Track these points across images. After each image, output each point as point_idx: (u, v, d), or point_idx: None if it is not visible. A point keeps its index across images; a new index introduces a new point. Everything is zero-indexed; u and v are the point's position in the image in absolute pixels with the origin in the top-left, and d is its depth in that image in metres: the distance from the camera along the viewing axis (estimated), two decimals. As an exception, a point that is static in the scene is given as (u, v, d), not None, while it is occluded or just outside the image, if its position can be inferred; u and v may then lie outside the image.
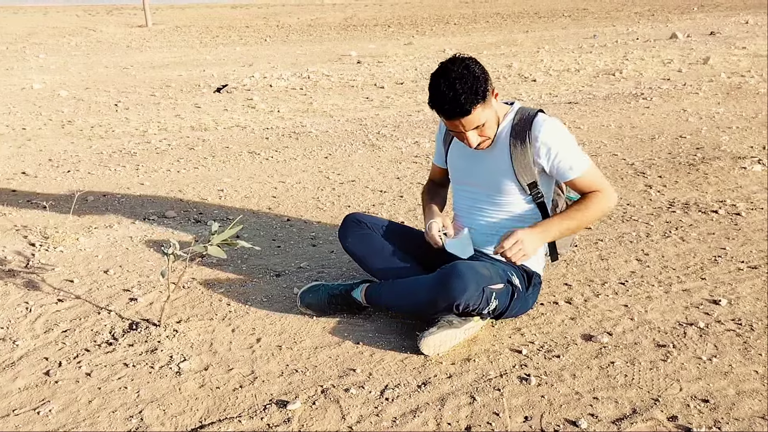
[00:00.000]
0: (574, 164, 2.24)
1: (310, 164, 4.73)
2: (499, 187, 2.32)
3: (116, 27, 23.20)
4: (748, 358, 2.09)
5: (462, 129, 2.16)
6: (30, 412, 1.90)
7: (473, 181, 2.39)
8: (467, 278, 2.09)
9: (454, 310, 2.12)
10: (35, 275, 2.82)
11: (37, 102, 7.96)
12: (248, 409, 1.89)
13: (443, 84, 2.08)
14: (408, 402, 1.92)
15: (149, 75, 10.69)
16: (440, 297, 2.11)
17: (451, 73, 2.09)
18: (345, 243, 2.51)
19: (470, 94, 2.08)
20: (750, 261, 2.83)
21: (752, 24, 16.04)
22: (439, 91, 2.09)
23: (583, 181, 2.27)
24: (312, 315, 2.43)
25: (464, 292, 2.07)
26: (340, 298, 2.40)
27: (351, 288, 2.42)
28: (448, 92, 2.07)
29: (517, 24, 22.03)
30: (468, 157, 2.38)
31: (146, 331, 2.33)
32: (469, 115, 2.10)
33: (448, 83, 2.07)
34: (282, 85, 9.02)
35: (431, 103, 2.14)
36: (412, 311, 2.32)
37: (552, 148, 2.23)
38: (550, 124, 2.25)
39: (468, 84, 2.07)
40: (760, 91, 6.99)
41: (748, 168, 4.18)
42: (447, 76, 2.09)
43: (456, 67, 2.11)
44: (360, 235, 2.47)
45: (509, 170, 2.28)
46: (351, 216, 2.53)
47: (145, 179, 4.40)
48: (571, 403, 1.89)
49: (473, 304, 2.11)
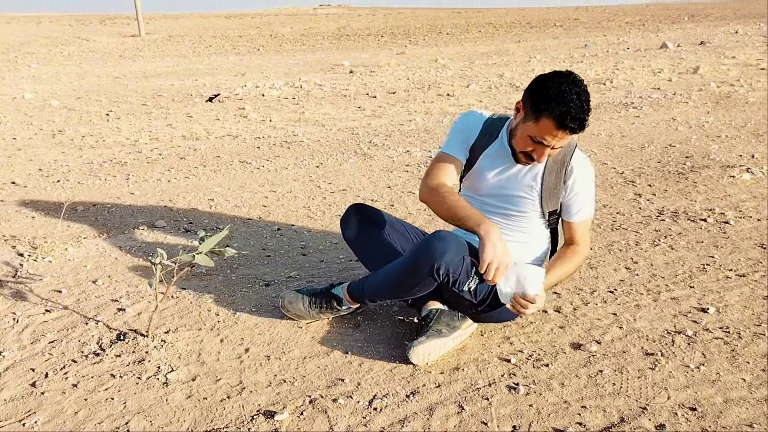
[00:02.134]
0: (583, 209, 2.32)
1: (301, 173, 4.73)
2: (521, 206, 2.33)
3: (109, 37, 23.20)
4: (735, 366, 2.10)
5: (553, 143, 2.12)
6: (15, 423, 1.88)
7: (496, 195, 2.35)
8: (448, 242, 2.10)
9: (435, 275, 2.10)
10: (23, 285, 2.80)
11: (28, 111, 7.94)
12: (235, 420, 1.88)
13: (575, 91, 2.03)
14: (396, 412, 1.91)
15: (141, 84, 10.69)
16: (421, 259, 2.11)
17: (580, 85, 2.06)
18: (346, 232, 2.49)
19: (588, 114, 2.08)
20: (738, 269, 2.84)
21: (742, 34, 16.19)
22: (569, 98, 2.02)
23: (578, 228, 2.33)
24: (294, 318, 2.43)
25: (444, 253, 2.08)
26: (321, 296, 2.40)
27: (332, 285, 2.43)
28: (579, 102, 2.03)
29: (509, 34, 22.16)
30: (501, 173, 2.33)
31: (134, 341, 2.31)
32: (581, 131, 2.10)
33: (579, 93, 2.04)
34: (274, 95, 9.03)
35: (553, 105, 2.03)
36: (394, 289, 2.26)
37: (576, 185, 2.29)
38: (586, 164, 2.31)
39: (590, 104, 2.08)
40: (750, 100, 7.04)
41: (737, 176, 4.21)
42: (578, 87, 2.05)
43: (581, 80, 2.09)
44: (362, 225, 2.44)
45: (537, 194, 2.29)
46: (355, 206, 2.49)
47: (136, 189, 4.39)
48: (560, 412, 1.89)
49: (453, 270, 2.11)
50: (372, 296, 2.35)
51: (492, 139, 2.33)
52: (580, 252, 2.33)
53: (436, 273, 2.10)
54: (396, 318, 2.48)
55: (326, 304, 2.40)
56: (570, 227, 2.34)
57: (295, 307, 2.41)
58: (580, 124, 2.06)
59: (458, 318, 2.24)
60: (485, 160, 2.35)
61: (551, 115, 2.05)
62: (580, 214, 2.32)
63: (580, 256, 2.34)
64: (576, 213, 2.31)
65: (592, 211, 2.37)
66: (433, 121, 6.81)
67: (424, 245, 2.14)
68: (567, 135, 2.09)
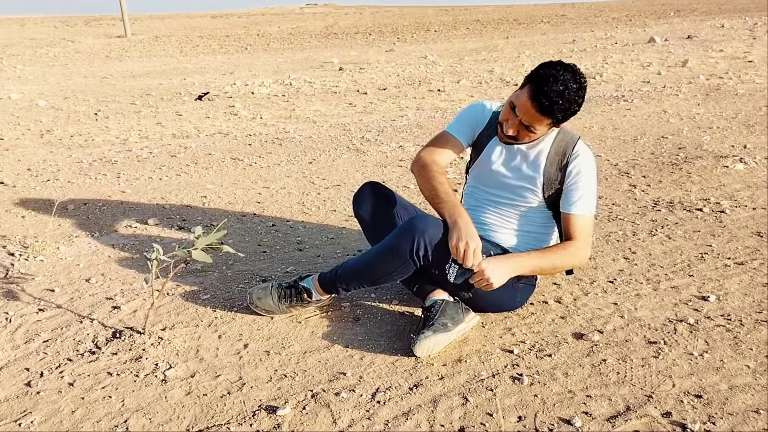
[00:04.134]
0: (582, 201, 2.25)
1: (294, 169, 4.69)
2: (525, 197, 2.33)
3: (95, 38, 23.01)
4: (739, 353, 2.09)
5: (522, 115, 2.15)
6: (11, 424, 1.84)
7: (501, 186, 2.36)
8: (428, 222, 2.13)
9: (415, 256, 2.11)
10: (15, 285, 2.75)
11: (15, 112, 7.84)
12: (237, 416, 1.85)
13: (563, 77, 2.06)
14: (400, 404, 1.88)
15: (129, 84, 10.59)
16: (401, 239, 2.12)
17: (575, 80, 2.08)
18: (358, 209, 2.46)
19: (561, 109, 2.09)
20: (736, 257, 2.84)
21: (728, 27, 16.29)
22: (555, 77, 2.06)
23: (576, 222, 2.24)
24: (264, 314, 2.39)
25: (424, 231, 2.09)
26: (289, 289, 2.37)
27: (300, 278, 2.40)
28: (560, 86, 2.05)
29: (497, 30, 22.18)
30: (505, 164, 2.35)
31: (130, 339, 2.27)
32: (542, 115, 2.11)
33: (564, 82, 2.06)
34: (264, 93, 8.97)
35: (538, 76, 2.10)
36: (372, 273, 2.23)
37: (575, 172, 2.26)
38: (587, 154, 2.29)
39: (569, 102, 2.08)
40: (739, 91, 7.07)
41: (731, 166, 4.22)
42: (574, 77, 2.08)
43: (580, 82, 2.10)
44: (375, 202, 2.42)
45: (540, 184, 2.29)
46: (370, 183, 2.47)
47: (127, 187, 4.34)
48: (565, 402, 1.87)
49: (432, 250, 2.11)
50: (347, 282, 2.30)
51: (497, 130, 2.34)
52: (575, 248, 2.22)
53: (416, 254, 2.10)
54: (396, 311, 2.46)
55: (296, 297, 2.36)
56: (567, 220, 2.25)
57: (264, 303, 2.37)
58: (550, 105, 2.07)
59: (462, 311, 2.22)
60: (491, 151, 2.39)
61: (530, 87, 2.11)
62: (579, 206, 2.24)
63: (574, 253, 2.22)
64: (574, 203, 2.24)
65: (592, 208, 2.27)
66: (425, 116, 6.79)
67: (404, 226, 2.16)
68: (538, 114, 2.11)
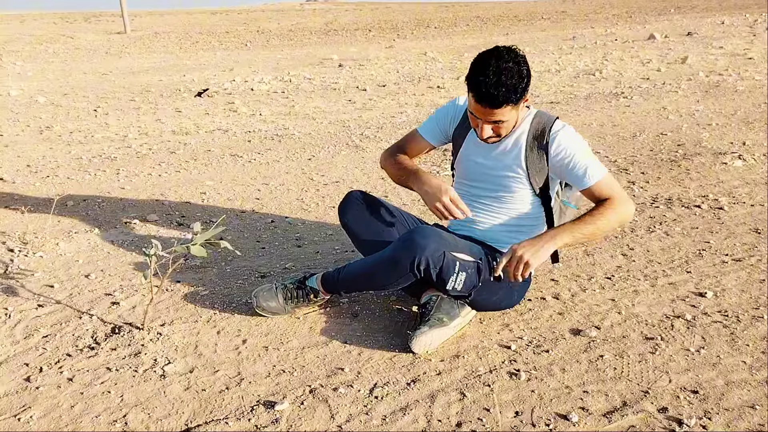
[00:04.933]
0: (590, 172, 2.19)
1: (294, 166, 4.69)
2: (510, 186, 2.31)
3: (94, 34, 22.98)
4: (735, 349, 2.10)
5: (482, 117, 2.13)
6: (10, 419, 1.85)
7: (485, 179, 2.35)
8: (428, 236, 2.10)
9: (416, 270, 2.09)
10: (14, 281, 2.76)
11: (14, 108, 7.83)
12: (235, 411, 1.86)
13: (493, 66, 2.03)
14: (397, 400, 1.89)
15: (129, 80, 10.58)
16: (402, 254, 2.10)
17: (503, 61, 2.04)
18: (344, 218, 2.45)
19: (509, 90, 2.04)
20: (734, 254, 2.85)
21: (728, 24, 16.27)
22: (484, 72, 2.03)
23: (601, 189, 2.20)
24: (269, 315, 2.37)
25: (425, 248, 2.07)
26: (295, 290, 2.37)
27: (305, 277, 2.40)
28: (493, 77, 2.02)
29: (496, 27, 22.15)
30: (485, 155, 2.33)
31: (129, 334, 2.28)
32: (498, 108, 2.08)
33: (497, 69, 2.02)
34: (263, 89, 8.96)
35: (472, 79, 2.07)
36: (373, 282, 2.26)
37: (562, 152, 2.21)
38: (568, 131, 2.24)
39: (513, 80, 2.04)
40: (739, 88, 7.07)
41: (729, 163, 4.22)
42: (499, 61, 2.03)
43: (510, 56, 2.05)
44: (360, 212, 2.41)
45: (524, 172, 2.27)
46: (354, 192, 2.46)
47: (126, 183, 4.34)
48: (562, 397, 1.88)
49: (434, 265, 2.09)
50: (348, 287, 2.34)
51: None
52: (615, 203, 2.15)
53: (417, 268, 2.09)
54: (394, 307, 2.46)
55: (303, 297, 2.37)
56: (591, 194, 2.21)
57: (271, 306, 2.36)
58: (494, 100, 2.04)
59: (458, 305, 2.22)
60: (469, 145, 2.38)
61: (471, 89, 2.09)
62: (590, 177, 2.18)
63: (617, 206, 2.15)
64: (585, 177, 2.19)
65: (603, 171, 2.20)
66: (424, 113, 6.79)
67: (404, 240, 2.14)
68: (492, 110, 2.08)
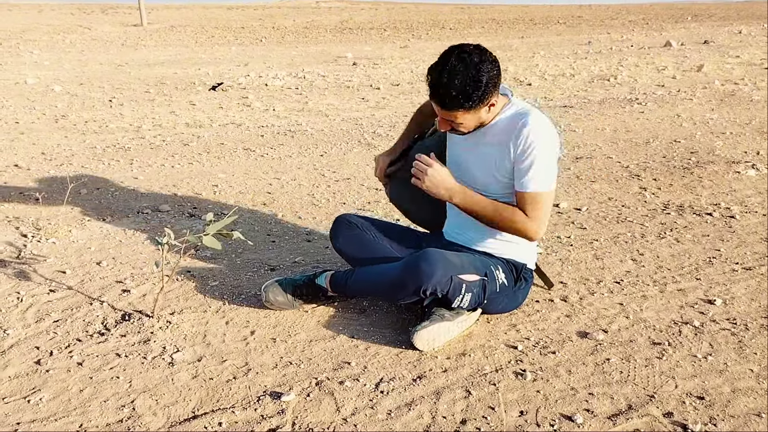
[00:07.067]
0: (536, 177, 2.08)
1: (306, 162, 4.71)
2: (495, 182, 2.22)
3: (111, 26, 23.13)
4: (743, 357, 2.09)
5: (438, 112, 2.11)
6: (20, 400, 1.87)
7: (470, 177, 2.29)
8: (435, 263, 2.07)
9: (422, 294, 2.10)
10: (27, 266, 2.79)
11: (31, 96, 7.91)
12: (242, 400, 1.88)
13: (449, 66, 1.96)
14: (403, 395, 1.90)
15: (144, 72, 10.65)
16: (408, 279, 2.09)
17: (461, 62, 1.96)
18: (336, 243, 2.48)
19: (458, 97, 1.97)
20: (744, 262, 2.84)
21: (745, 33, 16.17)
22: (439, 70, 1.98)
23: (531, 200, 2.09)
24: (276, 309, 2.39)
25: (431, 276, 2.05)
26: (305, 287, 2.38)
27: (315, 276, 2.41)
28: (445, 78, 1.96)
29: (512, 30, 22.11)
30: (469, 152, 2.28)
31: (139, 322, 2.30)
32: (446, 110, 2.05)
33: (450, 70, 1.96)
34: (277, 85, 9.00)
35: (429, 70, 2.04)
36: (379, 294, 2.31)
37: (526, 149, 2.08)
38: (540, 126, 2.09)
39: (466, 88, 1.96)
40: (754, 98, 7.03)
41: (743, 172, 4.20)
42: (456, 62, 1.96)
43: (469, 58, 1.97)
44: (351, 235, 2.44)
45: (504, 166, 2.17)
46: (342, 216, 2.51)
47: (139, 173, 4.38)
48: (567, 399, 1.88)
49: (441, 290, 2.08)
50: (355, 294, 2.39)
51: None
52: (526, 224, 2.09)
53: (423, 293, 2.10)
54: (402, 304, 2.47)
55: (311, 295, 2.39)
56: (522, 199, 2.09)
57: (279, 301, 2.37)
58: (440, 100, 2.01)
59: (461, 304, 2.22)
60: (456, 142, 2.33)
61: (429, 89, 2.04)
62: (533, 183, 2.07)
63: (523, 228, 2.10)
64: (526, 180, 2.08)
65: (547, 186, 2.08)
66: (436, 113, 6.80)
67: (411, 266, 2.11)
68: (448, 112, 2.04)
